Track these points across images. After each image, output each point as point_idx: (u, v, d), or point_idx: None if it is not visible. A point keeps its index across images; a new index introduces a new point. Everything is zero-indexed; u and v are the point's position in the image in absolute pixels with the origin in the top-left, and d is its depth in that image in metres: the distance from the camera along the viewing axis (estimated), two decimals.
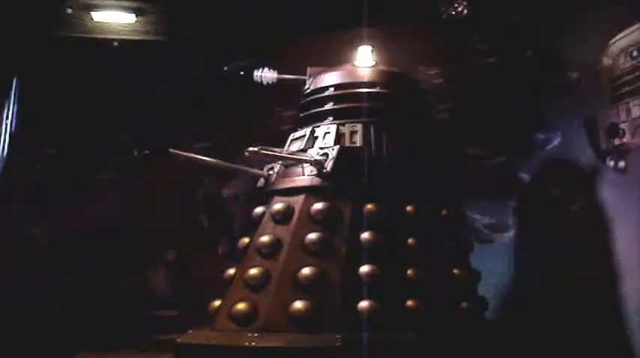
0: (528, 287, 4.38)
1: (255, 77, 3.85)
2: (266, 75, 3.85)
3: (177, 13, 5.21)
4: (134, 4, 5.12)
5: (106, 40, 5.17)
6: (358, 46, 3.74)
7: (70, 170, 4.97)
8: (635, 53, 3.80)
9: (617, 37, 3.93)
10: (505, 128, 4.89)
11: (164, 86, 5.04)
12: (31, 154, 5.03)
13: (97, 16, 5.14)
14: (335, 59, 3.79)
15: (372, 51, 3.71)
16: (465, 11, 4.67)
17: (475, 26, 4.80)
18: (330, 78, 3.55)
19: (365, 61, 3.68)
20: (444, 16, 4.66)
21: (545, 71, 4.50)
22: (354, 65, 3.65)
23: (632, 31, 3.82)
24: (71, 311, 4.70)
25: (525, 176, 4.64)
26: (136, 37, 5.16)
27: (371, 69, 3.58)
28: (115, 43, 5.18)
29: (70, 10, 5.07)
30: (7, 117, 5.08)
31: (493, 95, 4.94)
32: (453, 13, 4.65)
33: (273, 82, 3.81)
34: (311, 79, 3.63)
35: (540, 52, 4.59)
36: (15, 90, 5.12)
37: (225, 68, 3.86)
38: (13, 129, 5.05)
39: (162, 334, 4.14)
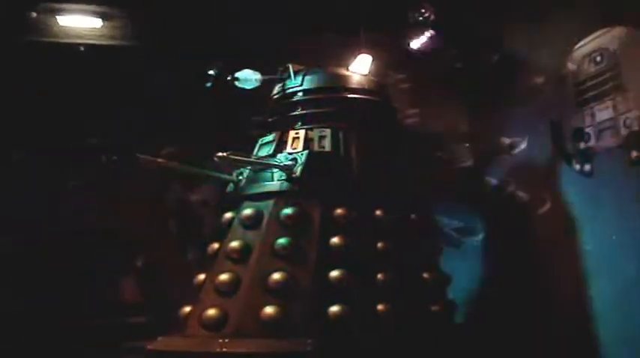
0: (497, 290, 4.43)
1: (238, 80, 3.74)
2: (249, 77, 3.74)
3: (143, 18, 5.17)
4: (100, 9, 5.07)
5: (71, 44, 5.10)
6: (355, 52, 3.73)
7: (36, 175, 4.90)
8: (598, 59, 3.86)
9: (582, 43, 3.99)
10: (471, 132, 4.96)
11: (132, 91, 4.99)
12: None
13: (63, 20, 5.07)
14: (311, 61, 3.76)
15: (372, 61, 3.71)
16: (432, 17, 4.70)
17: (442, 31, 4.84)
18: (298, 83, 3.55)
19: (362, 69, 3.69)
20: (411, 22, 4.68)
21: (510, 75, 4.55)
22: (345, 69, 3.63)
23: (596, 37, 3.88)
24: (38, 318, 4.62)
25: (493, 180, 4.69)
26: (102, 42, 5.10)
27: (339, 74, 3.58)
28: (81, 48, 5.11)
29: (34, 14, 4.99)
30: None
31: (458, 99, 4.99)
32: (420, 18, 4.68)
33: (257, 83, 3.71)
34: (295, 76, 3.58)
35: (506, 56, 4.64)
36: None
37: (211, 71, 3.76)
38: None
39: (132, 341, 4.09)
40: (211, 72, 3.74)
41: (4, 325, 4.49)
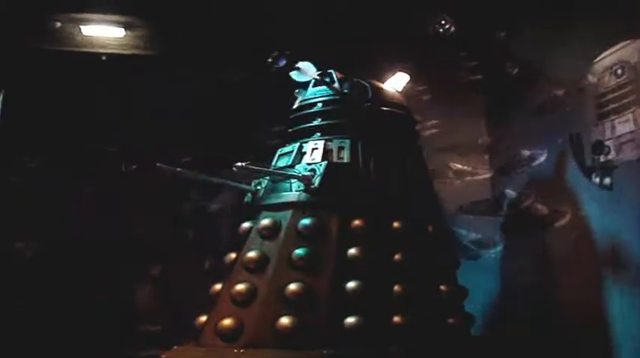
0: (515, 303, 4.39)
1: (298, 69, 3.57)
2: (309, 69, 3.57)
3: (165, 28, 5.22)
4: (123, 19, 5.12)
5: (94, 54, 5.16)
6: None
7: (56, 183, 4.94)
8: (619, 71, 3.84)
9: (603, 55, 3.98)
10: (490, 144, 4.94)
11: (152, 100, 5.02)
12: (16, 167, 4.99)
13: (86, 30, 5.13)
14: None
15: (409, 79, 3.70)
16: (452, 29, 4.69)
17: (462, 43, 4.84)
18: (318, 94, 3.55)
19: (398, 86, 3.69)
20: (430, 34, 4.68)
21: (530, 87, 4.54)
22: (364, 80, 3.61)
23: (617, 50, 3.86)
24: (55, 325, 4.65)
25: (511, 192, 4.66)
26: (124, 52, 5.15)
27: (359, 85, 3.57)
28: (104, 57, 5.17)
29: (59, 24, 5.06)
30: None
31: (477, 111, 4.98)
32: (440, 30, 4.68)
33: (312, 78, 3.58)
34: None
35: (526, 68, 4.63)
36: (1, 104, 5.10)
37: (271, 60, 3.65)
38: None
39: (147, 349, 4.11)
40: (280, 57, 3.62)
41: (20, 330, 4.53)
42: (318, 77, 3.51)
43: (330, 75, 3.52)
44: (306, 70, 3.50)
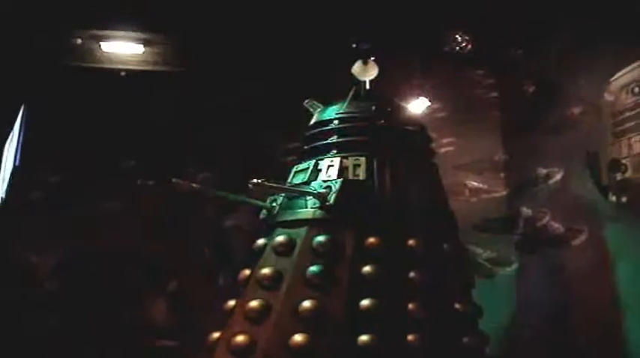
0: (530, 323, 4.36)
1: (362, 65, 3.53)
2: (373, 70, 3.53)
3: (183, 44, 5.27)
4: (142, 35, 5.19)
5: (113, 70, 5.22)
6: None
7: (74, 198, 4.99)
8: (636, 89, 3.83)
9: (619, 74, 3.97)
10: (506, 162, 4.92)
11: (170, 116, 5.07)
12: (35, 182, 5.05)
13: (106, 46, 5.20)
14: None
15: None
16: (469, 46, 4.70)
17: (478, 61, 4.84)
18: (334, 111, 3.56)
19: (419, 109, 3.68)
20: (447, 51, 4.70)
21: (547, 105, 4.53)
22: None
23: (634, 68, 3.85)
24: (71, 340, 4.67)
25: (527, 210, 4.64)
26: (144, 68, 5.21)
27: (374, 102, 3.58)
28: (123, 73, 5.23)
29: (79, 41, 5.13)
30: (13, 145, 5.12)
31: (493, 129, 4.97)
32: (457, 48, 4.69)
33: (370, 78, 3.56)
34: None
35: (543, 86, 4.62)
36: (22, 118, 5.17)
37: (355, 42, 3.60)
38: (18, 156, 5.08)
39: None
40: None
41: (40, 343, 4.55)
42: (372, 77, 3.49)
43: (364, 87, 3.53)
44: (371, 68, 3.48)
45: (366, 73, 3.49)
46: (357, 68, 3.48)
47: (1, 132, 5.19)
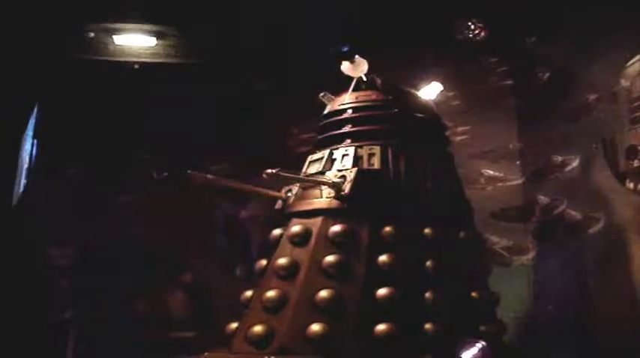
0: (547, 311, 4.34)
1: (353, 62, 3.49)
2: (362, 65, 3.49)
3: (196, 36, 5.27)
4: (155, 28, 5.19)
5: (126, 63, 5.23)
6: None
7: (89, 192, 5.01)
8: None
9: (635, 59, 3.92)
10: (521, 150, 4.89)
11: (184, 108, 5.07)
12: (52, 176, 5.08)
13: (118, 39, 5.21)
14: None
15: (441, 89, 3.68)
16: (482, 33, 4.67)
17: (492, 48, 4.81)
18: (348, 100, 3.55)
19: (431, 95, 3.68)
20: (460, 39, 4.66)
21: (562, 92, 4.49)
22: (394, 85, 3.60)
23: None
24: (89, 332, 4.71)
25: (544, 198, 4.61)
26: (156, 60, 5.22)
27: (389, 90, 3.56)
28: (136, 66, 5.24)
29: (92, 34, 5.14)
30: (29, 140, 5.15)
31: (508, 116, 4.95)
32: (470, 35, 4.66)
33: (362, 74, 3.53)
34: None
35: (558, 73, 4.58)
36: (37, 113, 5.19)
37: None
38: (35, 150, 5.11)
39: (179, 356, 4.13)
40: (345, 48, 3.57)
41: (59, 334, 4.59)
42: (364, 77, 3.49)
43: (373, 79, 3.51)
44: (359, 65, 3.47)
45: (356, 70, 3.48)
46: (345, 68, 3.48)
47: (17, 127, 5.22)
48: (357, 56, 3.43)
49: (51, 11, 4.93)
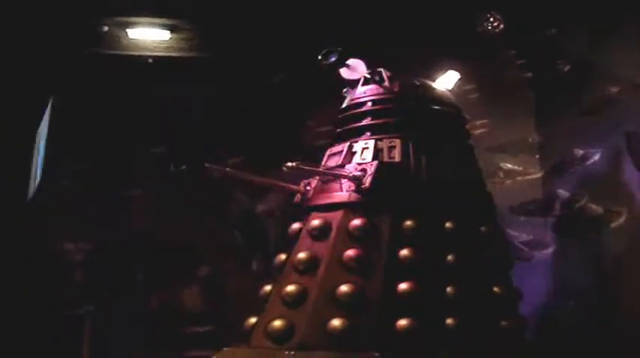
0: (568, 306, 4.30)
1: (347, 66, 3.49)
2: (359, 67, 3.49)
3: (210, 30, 5.25)
4: (168, 22, 5.17)
5: (140, 56, 5.22)
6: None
7: (105, 185, 5.00)
8: None
9: None
10: (542, 143, 4.84)
11: (199, 101, 5.05)
12: (66, 169, 5.07)
13: (132, 33, 5.20)
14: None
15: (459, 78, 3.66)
16: (501, 26, 4.62)
17: (511, 41, 4.76)
18: (368, 92, 3.50)
19: (448, 84, 3.64)
20: (479, 31, 4.62)
21: (583, 84, 4.44)
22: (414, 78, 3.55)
23: None
24: (105, 326, 4.70)
25: (564, 192, 4.56)
26: (170, 54, 5.20)
27: (409, 83, 3.51)
28: (150, 60, 5.22)
29: (106, 28, 5.13)
30: (43, 135, 5.14)
31: (528, 109, 4.90)
32: (489, 28, 4.61)
33: (362, 76, 3.51)
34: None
35: (578, 65, 4.53)
36: (51, 107, 5.19)
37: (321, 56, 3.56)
38: (49, 145, 5.10)
39: (195, 350, 4.12)
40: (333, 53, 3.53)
41: (69, 329, 4.59)
42: (368, 75, 3.45)
43: (380, 73, 3.47)
44: (356, 67, 3.44)
45: (355, 73, 3.46)
46: (345, 74, 3.47)
47: (32, 122, 5.22)
48: (351, 60, 3.40)
49: (65, 5, 4.92)
